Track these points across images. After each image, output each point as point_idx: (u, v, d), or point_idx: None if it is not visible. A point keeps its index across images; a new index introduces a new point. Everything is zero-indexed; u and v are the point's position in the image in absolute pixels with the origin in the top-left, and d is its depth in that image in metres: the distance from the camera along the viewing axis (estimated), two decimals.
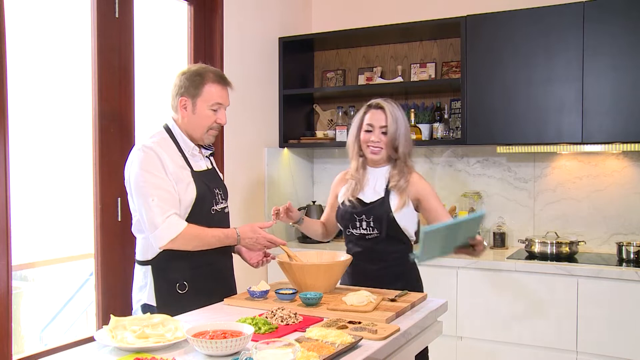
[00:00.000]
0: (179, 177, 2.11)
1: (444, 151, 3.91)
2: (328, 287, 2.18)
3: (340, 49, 4.20)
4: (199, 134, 2.21)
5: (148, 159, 2.08)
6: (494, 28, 3.40)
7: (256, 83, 3.79)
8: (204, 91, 2.17)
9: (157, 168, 2.07)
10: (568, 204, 3.58)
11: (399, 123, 2.44)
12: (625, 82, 3.11)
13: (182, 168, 2.14)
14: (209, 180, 2.23)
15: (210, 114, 2.19)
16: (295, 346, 1.39)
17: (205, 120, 2.19)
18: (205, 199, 2.18)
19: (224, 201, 2.29)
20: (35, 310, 2.86)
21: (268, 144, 3.91)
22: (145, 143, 2.13)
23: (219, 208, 2.25)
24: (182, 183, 2.11)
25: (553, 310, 3.08)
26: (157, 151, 2.10)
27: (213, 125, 2.21)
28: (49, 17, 2.66)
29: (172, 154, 2.15)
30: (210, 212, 2.19)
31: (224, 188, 2.33)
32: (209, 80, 2.18)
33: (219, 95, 2.20)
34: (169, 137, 2.19)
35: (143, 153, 2.09)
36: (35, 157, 2.65)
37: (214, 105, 2.18)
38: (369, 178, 2.48)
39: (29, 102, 2.57)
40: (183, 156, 2.18)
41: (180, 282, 2.13)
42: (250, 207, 3.72)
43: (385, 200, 2.41)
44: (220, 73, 2.24)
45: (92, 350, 1.63)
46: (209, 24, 3.43)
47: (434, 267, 3.35)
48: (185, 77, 2.18)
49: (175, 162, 2.13)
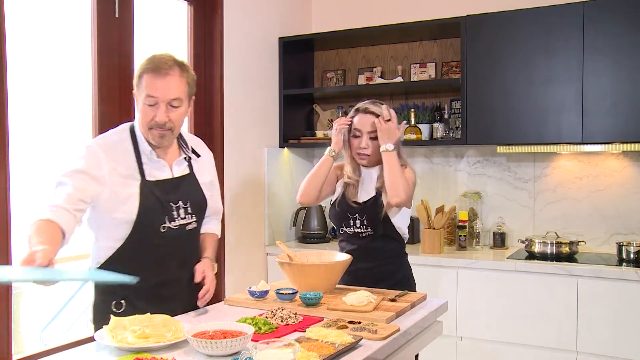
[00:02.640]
0: (117, 189, 1.85)
1: (444, 151, 3.91)
2: (328, 287, 2.18)
3: (340, 49, 4.20)
4: (144, 132, 1.93)
5: (82, 160, 1.85)
6: (494, 28, 3.40)
7: (256, 83, 3.79)
8: (141, 82, 1.89)
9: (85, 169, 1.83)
10: (568, 204, 3.58)
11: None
12: (625, 82, 3.11)
13: (126, 178, 1.88)
14: (165, 191, 1.92)
15: (147, 110, 1.89)
16: (295, 346, 1.39)
17: (143, 117, 1.91)
18: (153, 215, 1.88)
19: (189, 216, 1.98)
20: (35, 310, 2.86)
21: (268, 144, 3.91)
22: (89, 144, 1.91)
23: (176, 225, 1.94)
24: (121, 195, 1.85)
25: (553, 310, 3.08)
26: (100, 156, 1.86)
27: (152, 123, 1.89)
28: (49, 17, 2.65)
29: (121, 159, 1.89)
30: (159, 230, 1.90)
31: (197, 200, 2.02)
32: (144, 71, 1.88)
33: (151, 87, 1.86)
34: (128, 138, 1.95)
35: (83, 153, 1.87)
36: (35, 157, 2.64)
37: (147, 99, 1.87)
38: (363, 177, 2.48)
39: (29, 102, 2.56)
40: (138, 162, 1.92)
41: (117, 300, 1.90)
42: (250, 208, 3.72)
43: (377, 199, 2.40)
44: (157, 59, 1.89)
45: (92, 350, 1.63)
46: (209, 24, 3.43)
47: (434, 267, 3.35)
48: (140, 64, 1.93)
49: (117, 170, 1.87)
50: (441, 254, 3.43)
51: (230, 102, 3.52)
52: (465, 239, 3.55)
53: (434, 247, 3.44)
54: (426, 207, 3.51)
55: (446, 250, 3.59)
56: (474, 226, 3.64)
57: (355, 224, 2.41)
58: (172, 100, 1.89)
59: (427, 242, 3.47)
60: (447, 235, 3.73)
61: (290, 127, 4.04)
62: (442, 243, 3.51)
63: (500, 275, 3.20)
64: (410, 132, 3.71)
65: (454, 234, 3.71)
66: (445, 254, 3.46)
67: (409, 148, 3.97)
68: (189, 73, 1.96)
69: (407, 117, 3.78)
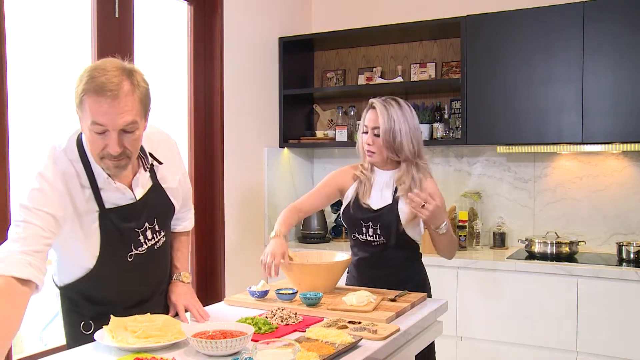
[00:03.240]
0: (78, 227, 1.64)
1: (444, 151, 3.91)
2: (328, 287, 2.18)
3: (340, 49, 4.20)
4: (95, 161, 1.62)
5: (39, 195, 1.56)
6: (494, 28, 3.40)
7: (256, 83, 3.79)
8: (83, 105, 1.53)
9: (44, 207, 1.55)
10: (568, 204, 3.58)
11: (395, 122, 2.24)
12: (625, 82, 3.11)
13: (86, 213, 1.65)
14: (129, 218, 1.71)
15: (95, 139, 1.55)
16: (295, 346, 1.39)
17: (91, 146, 1.58)
18: (116, 247, 1.70)
19: (157, 234, 1.80)
20: (35, 310, 2.86)
21: (268, 144, 3.91)
22: (45, 174, 1.60)
23: (144, 249, 1.76)
24: (81, 234, 1.65)
25: (553, 310, 3.08)
26: (60, 191, 1.60)
27: (103, 153, 1.57)
28: (49, 17, 2.65)
29: (77, 190, 1.63)
30: (126, 259, 1.73)
31: (163, 215, 1.83)
32: (83, 89, 1.52)
33: (96, 113, 1.51)
34: (78, 160, 1.65)
35: (37, 185, 1.58)
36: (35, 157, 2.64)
37: (94, 127, 1.53)
38: (377, 180, 2.35)
39: (29, 102, 2.56)
40: (94, 188, 1.65)
41: (85, 321, 1.77)
42: (250, 208, 3.72)
43: (393, 207, 2.28)
44: (99, 76, 1.51)
45: (92, 350, 1.63)
46: (209, 24, 3.43)
47: (434, 267, 3.34)
48: (79, 77, 1.56)
49: (79, 204, 1.63)
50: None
51: (230, 102, 3.52)
52: (465, 239, 3.55)
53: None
54: None
55: None
56: (474, 226, 3.64)
57: (368, 232, 2.31)
58: (125, 126, 1.55)
59: (427, 242, 3.46)
60: None
61: (290, 127, 4.04)
62: None
63: (500, 275, 3.20)
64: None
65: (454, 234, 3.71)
66: None
67: None
68: (140, 84, 1.60)
69: None
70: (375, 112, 2.29)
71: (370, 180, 2.35)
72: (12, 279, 1.42)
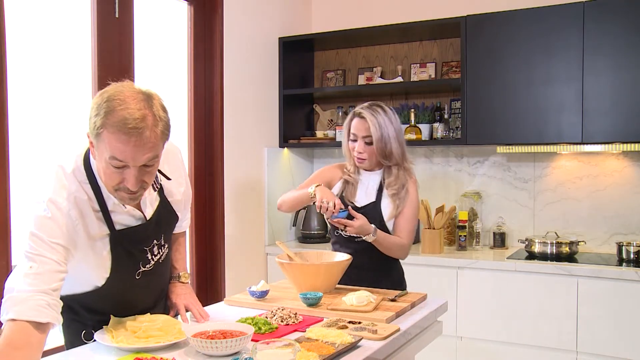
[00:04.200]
0: (90, 253, 1.61)
1: (444, 151, 3.91)
2: (328, 287, 2.18)
3: (340, 49, 4.20)
4: (109, 190, 1.58)
5: (51, 225, 1.51)
6: (494, 28, 3.40)
7: (256, 83, 3.79)
8: (102, 137, 1.46)
9: (58, 239, 1.50)
10: (568, 204, 3.58)
11: (384, 129, 2.35)
12: (625, 82, 3.11)
13: (98, 239, 1.61)
14: (138, 240, 1.70)
15: (111, 172, 1.50)
16: (295, 346, 1.39)
17: (107, 179, 1.53)
18: (126, 267, 1.70)
19: (162, 249, 1.79)
20: None
21: (268, 144, 3.91)
22: (57, 201, 1.53)
23: (150, 266, 1.75)
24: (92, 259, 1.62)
25: (553, 310, 3.08)
26: (70, 217, 1.54)
27: (120, 186, 1.53)
28: (49, 17, 2.65)
29: (88, 214, 1.58)
30: (134, 278, 1.72)
31: (169, 229, 1.83)
32: (103, 123, 1.45)
33: (116, 150, 1.45)
34: (86, 181, 1.59)
35: (49, 214, 1.51)
36: (35, 157, 2.64)
37: (112, 161, 1.48)
38: (362, 180, 2.48)
39: (29, 102, 2.56)
40: (103, 211, 1.61)
41: (87, 330, 1.75)
42: (250, 208, 3.72)
43: (376, 205, 2.41)
44: (122, 111, 1.44)
45: (92, 350, 1.63)
46: (209, 24, 3.43)
47: (434, 267, 3.35)
48: (95, 105, 1.50)
49: (92, 229, 1.59)
50: (441, 254, 3.43)
51: (230, 102, 3.52)
52: (465, 239, 3.55)
53: (434, 247, 3.45)
54: (426, 207, 3.51)
55: (446, 250, 3.59)
56: (474, 226, 3.64)
57: None
58: (146, 162, 1.50)
59: (427, 242, 3.47)
60: (447, 235, 3.73)
61: (290, 127, 4.04)
62: (442, 243, 3.51)
63: (500, 275, 3.20)
64: (411, 132, 3.71)
65: (454, 234, 3.71)
66: (445, 254, 3.46)
67: (409, 148, 3.96)
68: (161, 115, 1.52)
69: (407, 117, 3.79)
70: (365, 121, 2.37)
71: (357, 182, 2.46)
72: (29, 325, 1.39)
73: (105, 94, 1.50)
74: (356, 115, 2.42)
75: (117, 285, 1.70)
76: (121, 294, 1.75)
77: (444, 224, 3.51)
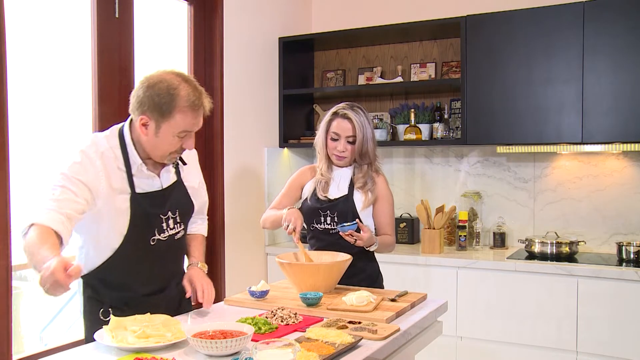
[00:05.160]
0: (110, 202, 1.83)
1: (444, 151, 3.91)
2: (328, 287, 2.18)
3: (340, 49, 4.20)
4: (157, 156, 1.90)
5: (78, 167, 1.79)
6: (494, 28, 3.40)
7: (256, 83, 3.79)
8: (173, 117, 1.82)
9: (82, 177, 1.78)
10: (568, 204, 3.58)
11: (365, 131, 2.46)
12: (625, 82, 3.11)
13: (118, 191, 1.85)
14: (155, 204, 1.92)
15: (175, 141, 1.87)
16: (295, 346, 1.39)
17: (167, 147, 1.87)
18: (143, 229, 1.89)
19: (177, 226, 1.99)
20: (35, 310, 2.86)
21: (268, 144, 3.91)
22: (85, 150, 1.84)
23: (165, 236, 1.95)
24: (113, 209, 1.84)
25: (553, 310, 3.08)
26: (97, 166, 1.82)
27: (177, 149, 1.91)
28: (49, 17, 2.66)
29: (114, 170, 1.86)
30: (149, 243, 1.91)
31: (184, 208, 2.04)
32: (181, 105, 1.82)
33: (189, 124, 1.86)
34: (117, 146, 1.89)
35: (79, 159, 1.81)
36: (35, 157, 2.64)
37: (181, 133, 1.86)
38: (334, 177, 2.54)
39: (29, 103, 2.57)
40: (128, 174, 1.88)
41: (104, 308, 1.90)
42: (250, 207, 3.72)
43: (349, 197, 2.48)
44: (193, 97, 1.85)
45: (92, 350, 1.63)
46: (209, 24, 3.43)
47: (434, 267, 3.35)
48: (153, 93, 1.81)
49: (114, 182, 1.84)
50: (441, 254, 3.43)
51: (230, 102, 3.52)
52: (465, 239, 3.55)
53: (434, 247, 3.45)
54: (426, 207, 3.51)
55: (446, 250, 3.59)
56: (474, 226, 3.64)
57: (326, 220, 2.47)
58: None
59: (427, 242, 3.47)
60: (447, 235, 3.73)
61: (290, 127, 4.04)
62: (442, 243, 3.52)
63: (500, 275, 3.20)
64: (411, 132, 3.71)
65: (454, 234, 3.71)
66: (445, 254, 3.46)
67: (409, 148, 3.98)
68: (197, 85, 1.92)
69: (407, 117, 3.79)
70: (350, 121, 2.46)
71: (329, 179, 2.53)
72: (51, 229, 1.66)
73: (156, 84, 1.82)
74: (339, 116, 2.49)
75: (134, 249, 1.87)
76: (137, 261, 1.90)
77: (444, 224, 3.51)
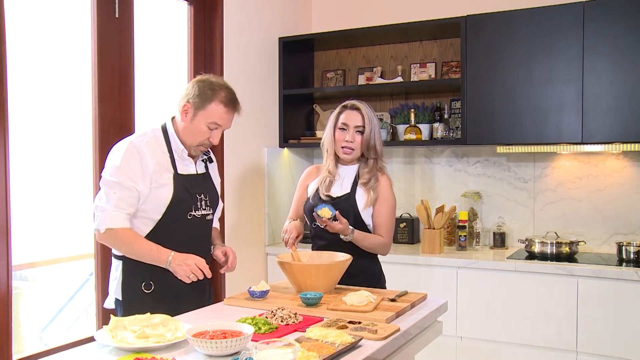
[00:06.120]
0: (157, 178, 2.12)
1: (444, 151, 3.91)
2: (328, 287, 2.18)
3: (340, 49, 4.20)
4: (188, 144, 2.20)
5: (128, 157, 2.10)
6: (494, 28, 3.40)
7: (256, 83, 3.79)
8: (209, 107, 2.14)
9: (134, 169, 2.09)
10: (568, 204, 3.58)
11: (373, 124, 2.49)
12: (625, 82, 3.11)
13: (164, 169, 2.15)
14: (192, 185, 2.21)
15: (205, 130, 2.17)
16: (295, 346, 1.39)
17: (198, 135, 2.18)
18: (182, 203, 2.17)
19: (208, 208, 2.27)
20: (35, 310, 2.86)
21: (268, 144, 3.91)
22: (133, 140, 2.15)
23: (199, 214, 2.23)
24: (158, 184, 2.12)
25: (553, 310, 3.08)
26: (141, 151, 2.11)
27: (204, 141, 2.19)
28: (49, 18, 2.66)
29: (158, 154, 2.16)
30: (186, 217, 2.19)
31: (213, 195, 2.31)
32: (218, 99, 2.15)
33: (221, 117, 2.17)
34: (161, 136, 2.20)
35: (126, 149, 2.11)
36: (35, 157, 2.64)
37: (212, 124, 2.16)
38: (339, 174, 2.55)
39: (29, 103, 2.57)
40: (171, 157, 2.18)
41: (146, 282, 2.14)
42: (250, 208, 3.73)
43: (351, 195, 2.47)
44: (232, 96, 2.20)
45: (92, 350, 1.63)
46: (209, 24, 3.43)
47: (434, 267, 3.35)
48: (199, 86, 2.17)
49: (158, 162, 2.14)
50: (441, 254, 3.43)
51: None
52: (465, 239, 3.55)
53: (434, 247, 3.45)
54: (426, 207, 3.51)
55: (446, 250, 3.59)
56: (474, 226, 3.64)
57: None
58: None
59: (427, 242, 3.47)
60: (447, 235, 3.73)
61: (290, 127, 4.04)
62: (442, 243, 3.52)
63: (500, 275, 3.20)
64: (411, 132, 3.71)
65: (454, 234, 3.71)
66: (445, 254, 3.46)
67: (409, 148, 3.98)
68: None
69: (407, 117, 3.79)
70: (359, 112, 2.50)
71: (334, 177, 2.54)
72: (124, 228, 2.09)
73: (204, 80, 2.19)
74: (348, 107, 2.53)
75: (173, 221, 2.15)
76: (174, 236, 2.15)
77: (444, 224, 3.51)
